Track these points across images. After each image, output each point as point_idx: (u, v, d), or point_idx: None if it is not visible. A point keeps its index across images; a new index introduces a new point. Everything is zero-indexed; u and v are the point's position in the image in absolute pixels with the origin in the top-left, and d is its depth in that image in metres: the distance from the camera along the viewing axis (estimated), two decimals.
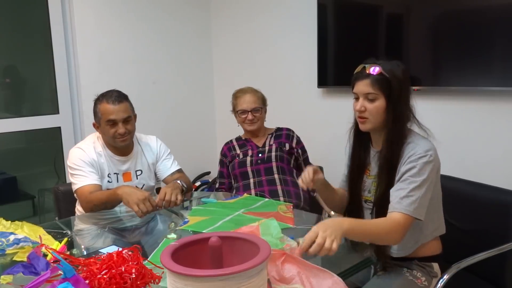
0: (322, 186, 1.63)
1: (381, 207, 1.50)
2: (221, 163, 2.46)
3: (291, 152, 2.36)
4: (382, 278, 1.56)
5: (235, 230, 1.40)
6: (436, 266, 1.59)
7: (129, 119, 2.03)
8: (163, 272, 1.08)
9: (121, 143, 2.02)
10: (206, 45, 3.63)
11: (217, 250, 0.97)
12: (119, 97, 2.00)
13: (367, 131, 1.55)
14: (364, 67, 1.49)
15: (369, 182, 1.61)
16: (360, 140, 1.63)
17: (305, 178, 1.55)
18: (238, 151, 2.40)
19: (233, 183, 2.39)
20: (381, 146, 1.54)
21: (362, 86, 1.48)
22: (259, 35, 3.30)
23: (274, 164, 2.29)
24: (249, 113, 2.34)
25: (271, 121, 2.50)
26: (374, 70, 1.46)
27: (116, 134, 1.99)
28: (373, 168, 1.60)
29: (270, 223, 1.36)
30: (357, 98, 1.52)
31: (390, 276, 1.55)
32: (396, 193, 1.43)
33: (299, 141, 2.42)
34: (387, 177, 1.50)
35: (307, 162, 2.42)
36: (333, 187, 1.70)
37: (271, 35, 3.22)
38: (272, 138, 2.41)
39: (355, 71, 1.53)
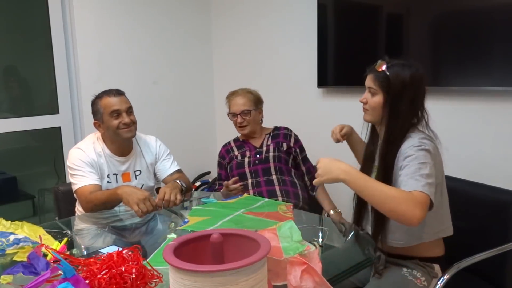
0: (352, 139, 1.84)
1: None
2: (219, 165, 2.46)
3: (289, 152, 2.35)
4: (382, 278, 1.56)
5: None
6: (437, 267, 1.59)
7: (131, 109, 2.07)
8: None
9: (126, 133, 2.03)
10: (206, 45, 3.62)
11: (219, 247, 0.98)
12: (118, 91, 2.07)
13: (368, 122, 1.65)
14: (377, 62, 1.57)
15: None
16: (372, 133, 1.70)
17: (334, 133, 1.80)
18: (236, 152, 2.39)
19: None
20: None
21: (368, 80, 1.59)
22: (259, 35, 3.30)
23: (272, 164, 2.28)
24: (238, 116, 2.33)
25: (271, 121, 2.50)
26: (381, 67, 1.54)
27: (121, 124, 2.01)
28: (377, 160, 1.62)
29: (287, 225, 1.31)
30: None
31: (389, 276, 1.55)
32: (400, 179, 1.41)
33: (297, 140, 2.42)
34: (383, 172, 1.52)
35: (305, 161, 2.42)
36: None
37: (271, 35, 3.22)
38: (270, 138, 2.40)
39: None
